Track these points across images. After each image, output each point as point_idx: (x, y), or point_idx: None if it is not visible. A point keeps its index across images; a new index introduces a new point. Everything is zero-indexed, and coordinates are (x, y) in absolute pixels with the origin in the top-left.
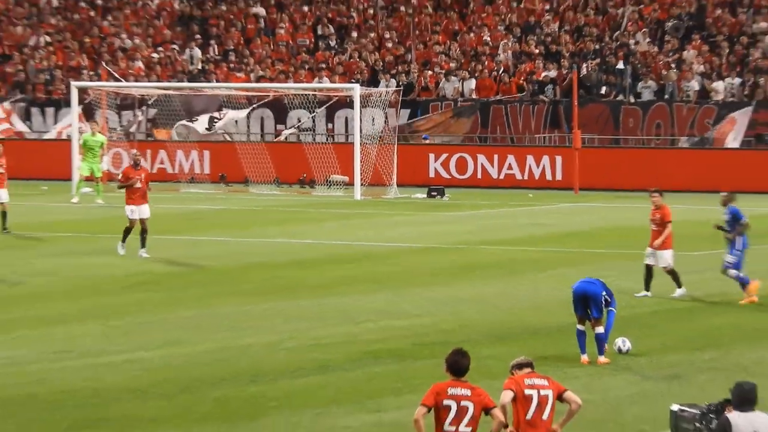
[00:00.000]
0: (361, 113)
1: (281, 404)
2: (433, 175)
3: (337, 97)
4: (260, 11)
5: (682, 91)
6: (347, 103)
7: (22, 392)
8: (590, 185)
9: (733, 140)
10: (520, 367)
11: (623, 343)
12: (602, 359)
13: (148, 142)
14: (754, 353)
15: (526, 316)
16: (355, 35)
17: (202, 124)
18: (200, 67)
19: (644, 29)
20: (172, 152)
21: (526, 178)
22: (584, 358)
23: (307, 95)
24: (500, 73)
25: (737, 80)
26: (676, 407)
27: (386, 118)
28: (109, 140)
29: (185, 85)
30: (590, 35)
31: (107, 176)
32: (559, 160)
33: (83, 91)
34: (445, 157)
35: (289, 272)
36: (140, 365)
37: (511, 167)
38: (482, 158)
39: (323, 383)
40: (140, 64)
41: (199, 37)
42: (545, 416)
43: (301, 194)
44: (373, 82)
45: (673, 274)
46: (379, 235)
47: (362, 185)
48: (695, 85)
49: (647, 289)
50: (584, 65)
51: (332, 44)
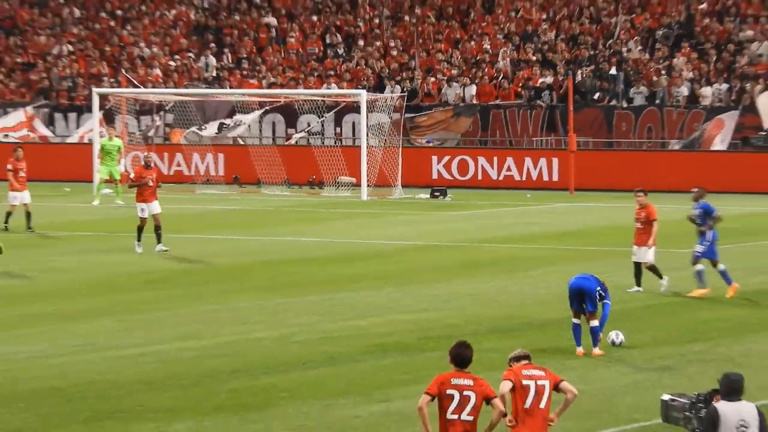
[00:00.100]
0: (367, 118)
1: (292, 395)
2: (436, 176)
3: (344, 102)
4: (272, 21)
5: (672, 96)
6: (354, 108)
7: (43, 384)
8: (585, 186)
9: (720, 143)
10: (518, 359)
11: (617, 336)
12: (597, 351)
13: (165, 145)
14: (740, 346)
15: (524, 310)
16: (361, 44)
17: (211, 130)
18: (215, 74)
19: (636, 37)
20: (188, 155)
21: (524, 179)
22: (580, 350)
23: (316, 101)
24: (499, 79)
25: (724, 86)
26: (666, 397)
27: (391, 122)
28: (128, 144)
29: (201, 91)
30: (585, 43)
31: (126, 178)
32: (555, 162)
33: (104, 97)
34: (447, 159)
35: (299, 269)
36: (156, 358)
37: (510, 169)
38: (482, 160)
39: (332, 375)
40: (158, 71)
41: (213, 45)
42: (542, 405)
43: (310, 195)
44: (378, 88)
45: (653, 269)
46: (384, 233)
47: (368, 186)
48: (684, 90)
49: (638, 284)
50: (579, 72)
51: (340, 52)
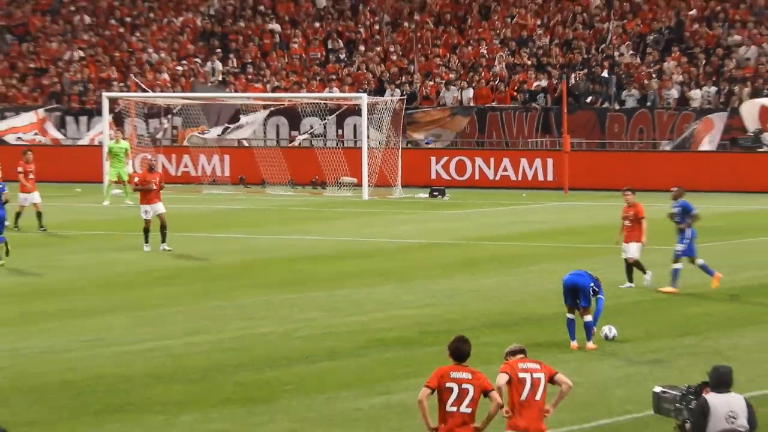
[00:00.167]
0: (368, 120)
1: (296, 388)
2: (434, 176)
3: (346, 105)
4: (276, 27)
5: (662, 98)
6: (355, 111)
7: (55, 378)
8: (579, 186)
9: (708, 143)
10: (513, 353)
11: (609, 330)
12: (590, 345)
13: (173, 147)
14: (728, 339)
15: (521, 306)
16: (362, 49)
17: (215, 133)
18: (221, 78)
19: (627, 42)
20: (195, 157)
21: (519, 179)
22: (574, 344)
23: (318, 104)
24: (496, 82)
25: (713, 89)
26: (658, 389)
27: (391, 124)
28: (137, 146)
29: (207, 95)
30: (578, 48)
31: (133, 179)
32: (550, 162)
33: (114, 101)
34: (445, 160)
35: (303, 266)
36: (165, 353)
37: (506, 169)
38: (480, 161)
39: (335, 369)
40: (166, 76)
41: (219, 51)
42: (538, 397)
43: (313, 195)
44: (379, 91)
45: (637, 264)
46: (385, 232)
47: (369, 186)
48: (675, 93)
49: (630, 280)
50: (573, 75)
51: (342, 57)
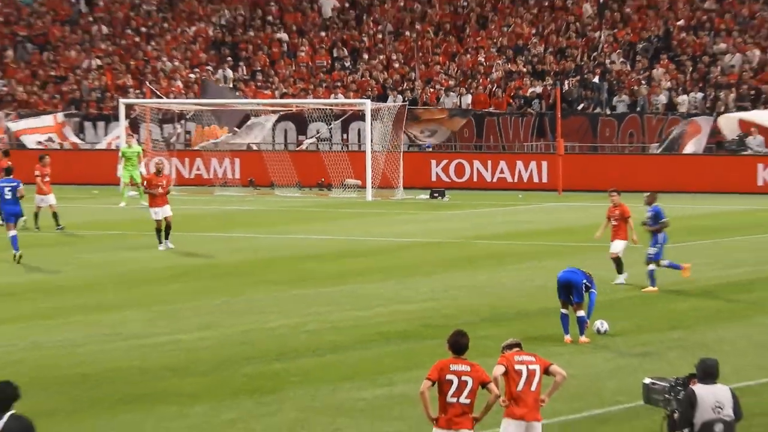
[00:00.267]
0: (371, 125)
1: (303, 380)
2: (434, 178)
3: (351, 111)
4: (283, 36)
5: (651, 104)
6: (360, 116)
7: (74, 371)
8: (572, 187)
9: (694, 145)
10: (510, 347)
11: (601, 324)
12: (583, 339)
13: (186, 150)
14: (714, 333)
15: (517, 301)
16: (366, 57)
17: (226, 138)
18: (232, 85)
19: (618, 50)
20: (207, 160)
21: (516, 181)
22: (567, 338)
23: (324, 109)
24: (493, 89)
25: (700, 95)
26: (648, 380)
27: (393, 128)
28: (152, 150)
29: (219, 101)
30: (571, 56)
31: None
32: (544, 165)
33: (130, 107)
34: (445, 162)
35: (309, 264)
36: (179, 346)
37: (503, 171)
38: (478, 164)
39: (340, 361)
40: (179, 83)
41: (230, 59)
42: (533, 388)
43: (319, 196)
44: (382, 97)
45: (617, 261)
46: (388, 231)
47: (373, 188)
48: (663, 99)
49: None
50: (566, 82)
51: (346, 65)
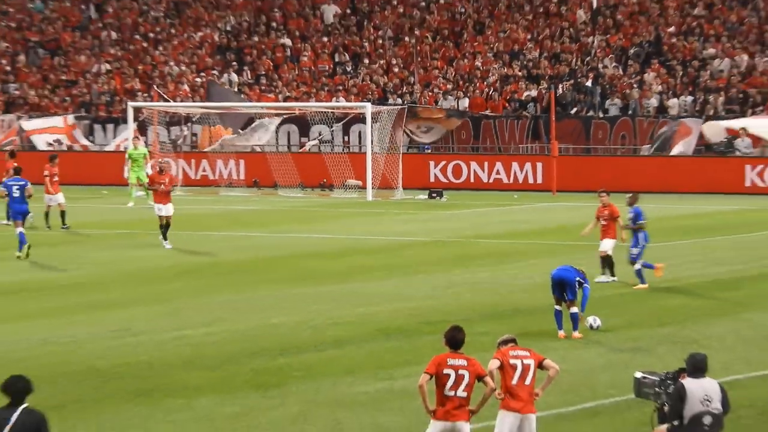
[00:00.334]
0: (372, 128)
1: (306, 374)
2: (433, 179)
3: (352, 114)
4: (287, 42)
5: (643, 107)
6: (360, 119)
7: (84, 366)
8: (566, 188)
9: (683, 147)
10: (505, 342)
11: (594, 320)
12: (576, 334)
13: (192, 152)
14: (704, 329)
15: (512, 298)
16: (367, 62)
17: (231, 138)
18: (236, 89)
19: (611, 55)
20: (212, 161)
21: (511, 181)
22: (561, 333)
23: (326, 112)
24: (490, 92)
25: (690, 98)
26: (639, 374)
27: (393, 131)
28: (159, 152)
29: (224, 104)
30: (565, 60)
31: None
32: (539, 166)
33: (138, 110)
34: (443, 164)
35: (312, 262)
36: (186, 342)
37: (499, 172)
38: (474, 165)
39: (342, 356)
40: (186, 87)
41: (235, 63)
42: (528, 382)
43: (321, 196)
44: (382, 101)
45: (606, 260)
46: (388, 230)
47: (373, 188)
48: (654, 102)
49: (612, 275)
50: (560, 86)
51: (348, 69)
